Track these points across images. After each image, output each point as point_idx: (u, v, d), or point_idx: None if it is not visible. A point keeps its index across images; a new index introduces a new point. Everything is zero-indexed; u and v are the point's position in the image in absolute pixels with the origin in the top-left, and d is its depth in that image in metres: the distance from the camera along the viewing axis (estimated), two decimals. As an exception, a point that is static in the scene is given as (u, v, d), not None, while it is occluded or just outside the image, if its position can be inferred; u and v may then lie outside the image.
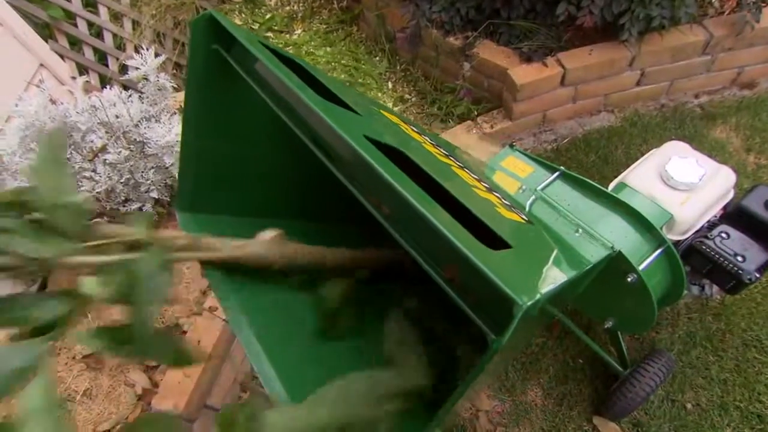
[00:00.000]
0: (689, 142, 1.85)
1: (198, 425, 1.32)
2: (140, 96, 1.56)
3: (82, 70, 2.27)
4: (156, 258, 0.43)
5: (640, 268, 1.01)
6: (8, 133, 1.39)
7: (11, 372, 0.32)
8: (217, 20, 0.50)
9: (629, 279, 1.01)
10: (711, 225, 1.23)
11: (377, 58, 2.49)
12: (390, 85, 2.39)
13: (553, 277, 0.39)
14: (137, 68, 1.58)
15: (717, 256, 1.16)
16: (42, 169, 0.43)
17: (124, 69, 2.33)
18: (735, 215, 1.22)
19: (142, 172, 1.41)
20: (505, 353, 0.40)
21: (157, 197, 1.46)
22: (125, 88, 2.03)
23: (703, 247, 1.17)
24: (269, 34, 2.71)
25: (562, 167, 1.20)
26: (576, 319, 1.48)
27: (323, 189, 0.53)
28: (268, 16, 2.74)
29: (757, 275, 1.12)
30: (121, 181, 1.38)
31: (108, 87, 1.60)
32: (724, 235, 1.18)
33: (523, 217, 0.54)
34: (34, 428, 0.31)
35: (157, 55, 1.69)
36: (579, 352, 1.47)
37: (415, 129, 0.66)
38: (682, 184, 1.19)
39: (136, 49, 2.26)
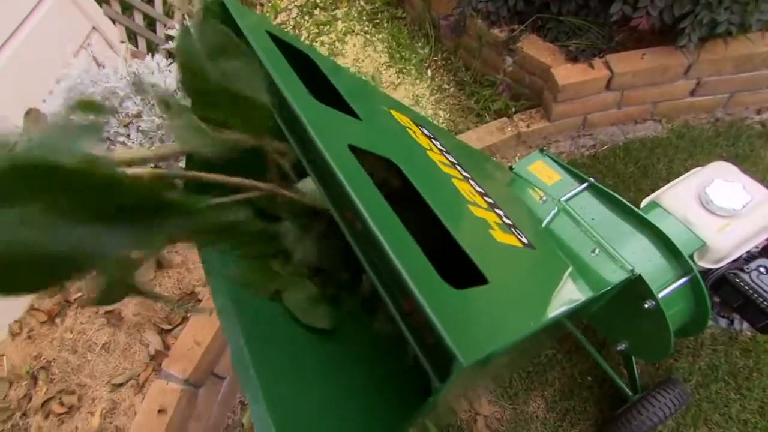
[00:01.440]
0: (742, 161, 1.74)
1: (204, 391, 1.37)
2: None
3: (131, 35, 2.34)
4: None
5: (660, 295, 0.95)
6: (55, 95, 1.46)
7: None
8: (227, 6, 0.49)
9: (646, 305, 0.95)
10: (749, 257, 1.14)
11: (419, 44, 2.43)
12: (429, 72, 2.33)
13: (529, 319, 0.37)
14: (178, 38, 1.61)
15: (751, 291, 1.07)
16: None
17: (170, 37, 2.38)
18: (778, 249, 1.13)
19: (173, 141, 1.44)
20: (484, 374, 0.38)
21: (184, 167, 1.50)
22: (170, 55, 2.07)
23: (737, 280, 1.10)
24: (315, 10, 2.70)
25: (591, 178, 1.14)
26: (589, 334, 1.42)
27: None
28: (314, -7, 2.71)
29: (794, 318, 1.04)
30: (152, 148, 1.42)
31: (151, 55, 1.63)
32: (762, 269, 1.10)
33: (524, 240, 0.51)
34: None
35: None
36: (588, 369, 1.42)
37: (426, 131, 0.63)
38: (722, 210, 1.11)
39: (184, 18, 2.30)
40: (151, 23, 2.40)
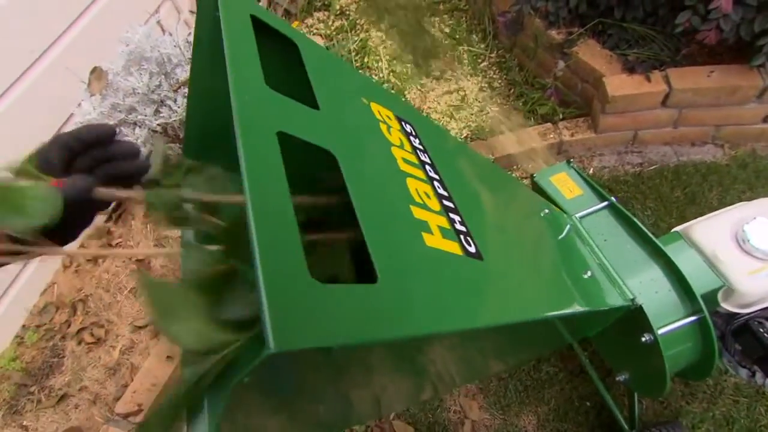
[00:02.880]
0: (810, 202, 1.55)
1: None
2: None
3: (201, 5, 2.46)
4: None
5: (660, 331, 0.89)
6: (119, 56, 1.59)
7: None
8: None
9: (644, 338, 0.90)
10: (782, 307, 1.03)
11: (476, 38, 2.37)
12: (482, 68, 2.28)
13: (417, 324, 0.37)
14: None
15: (774, 344, 0.98)
16: None
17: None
18: (817, 304, 1.01)
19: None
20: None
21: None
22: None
23: (761, 330, 1.00)
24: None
25: (613, 197, 1.08)
26: (597, 359, 1.36)
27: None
28: (378, -22, 2.71)
29: (818, 381, 0.94)
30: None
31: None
32: (792, 322, 1.00)
33: (471, 249, 0.51)
34: None
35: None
36: (588, 395, 1.36)
37: (408, 128, 0.63)
38: (760, 251, 1.01)
39: None
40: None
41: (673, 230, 1.06)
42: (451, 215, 0.52)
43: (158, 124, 1.50)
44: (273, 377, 0.32)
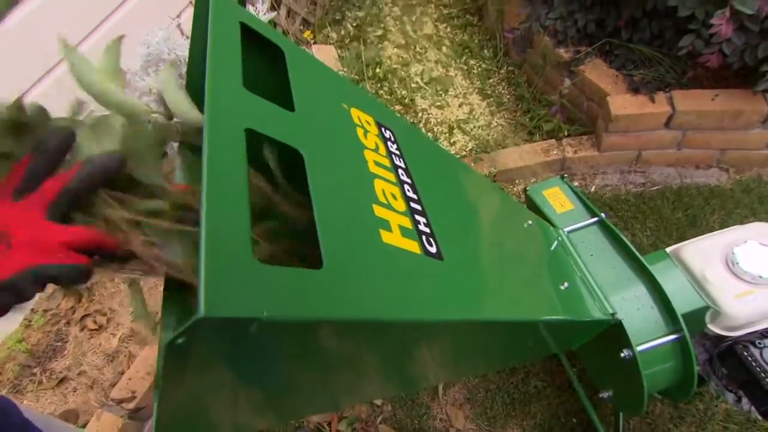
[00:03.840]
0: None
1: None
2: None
3: (223, 11, 2.55)
4: None
5: (639, 348, 0.90)
6: (137, 57, 1.66)
7: None
8: None
9: (623, 354, 0.91)
10: (769, 332, 1.03)
11: (487, 54, 2.41)
12: (491, 83, 2.31)
13: (360, 308, 0.40)
14: (250, 20, 1.75)
15: (758, 369, 0.97)
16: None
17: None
18: (805, 331, 1.00)
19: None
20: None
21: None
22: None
23: (745, 353, 0.99)
24: (395, 8, 2.76)
25: (603, 214, 1.09)
26: (584, 377, 1.36)
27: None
28: (395, -9, 2.77)
29: (801, 408, 0.93)
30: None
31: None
32: (778, 348, 0.99)
33: (431, 249, 0.53)
34: None
35: (273, 9, 1.85)
36: (575, 411, 1.36)
37: (387, 134, 0.67)
38: (748, 275, 1.01)
39: None
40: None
41: (663, 249, 1.06)
42: (417, 216, 0.55)
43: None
44: (220, 349, 0.35)
